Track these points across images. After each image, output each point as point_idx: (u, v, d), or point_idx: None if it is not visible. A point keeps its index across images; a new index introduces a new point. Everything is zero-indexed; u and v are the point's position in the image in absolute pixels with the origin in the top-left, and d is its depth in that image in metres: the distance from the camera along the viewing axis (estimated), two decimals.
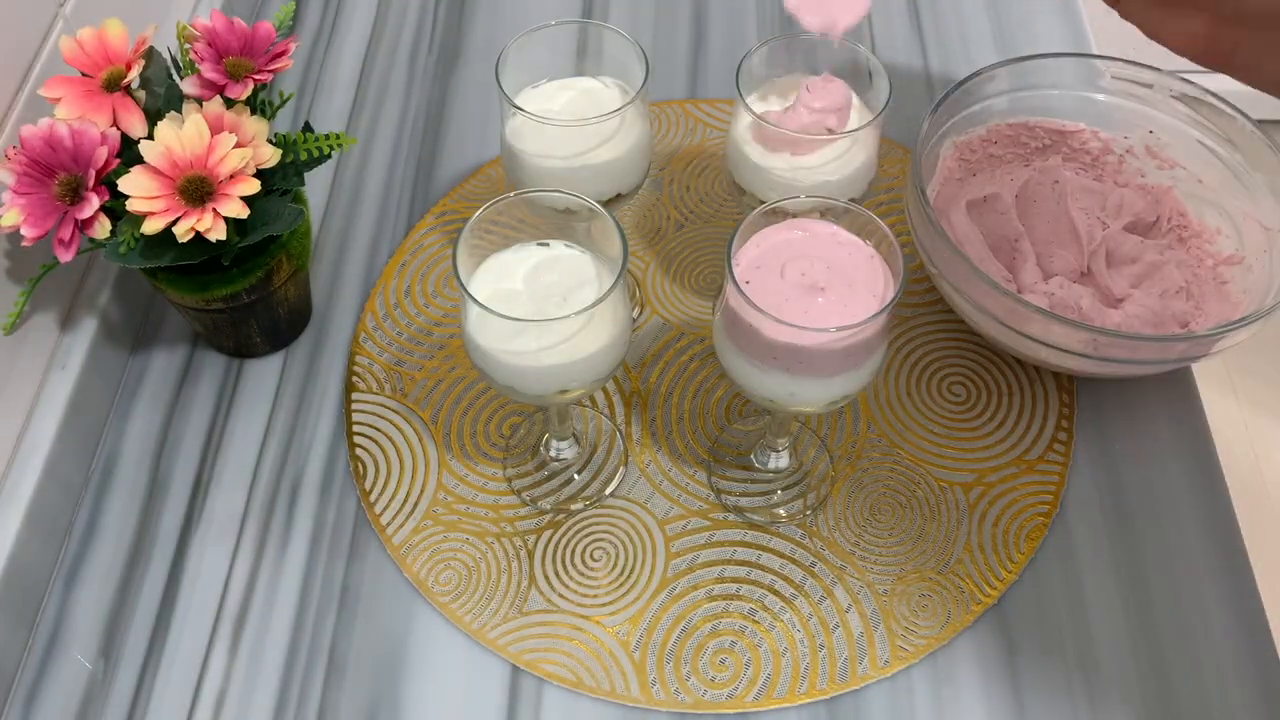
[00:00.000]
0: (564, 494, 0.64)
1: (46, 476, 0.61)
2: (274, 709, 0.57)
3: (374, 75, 0.85)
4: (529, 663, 0.58)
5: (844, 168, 0.60)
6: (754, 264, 0.52)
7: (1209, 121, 0.68)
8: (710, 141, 0.80)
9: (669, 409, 0.68)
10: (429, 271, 0.74)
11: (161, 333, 0.72)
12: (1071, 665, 0.58)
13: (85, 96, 0.57)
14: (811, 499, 0.64)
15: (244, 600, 0.61)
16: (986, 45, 0.86)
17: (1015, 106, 0.71)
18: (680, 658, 0.58)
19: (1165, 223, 0.70)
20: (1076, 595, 0.60)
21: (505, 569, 0.61)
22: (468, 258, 0.53)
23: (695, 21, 0.89)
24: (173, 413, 0.68)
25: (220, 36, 0.60)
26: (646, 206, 0.77)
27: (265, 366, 0.70)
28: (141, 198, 0.55)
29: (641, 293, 0.73)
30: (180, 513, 0.64)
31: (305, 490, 0.65)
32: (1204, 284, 0.68)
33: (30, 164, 0.56)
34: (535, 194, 0.56)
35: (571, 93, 0.62)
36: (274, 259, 0.63)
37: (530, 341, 0.51)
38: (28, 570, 0.59)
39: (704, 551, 0.62)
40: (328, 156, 0.62)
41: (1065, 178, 0.71)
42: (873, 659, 0.58)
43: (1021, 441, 0.66)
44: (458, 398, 0.68)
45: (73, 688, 0.58)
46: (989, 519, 0.63)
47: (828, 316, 0.50)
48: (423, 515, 0.63)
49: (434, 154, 0.80)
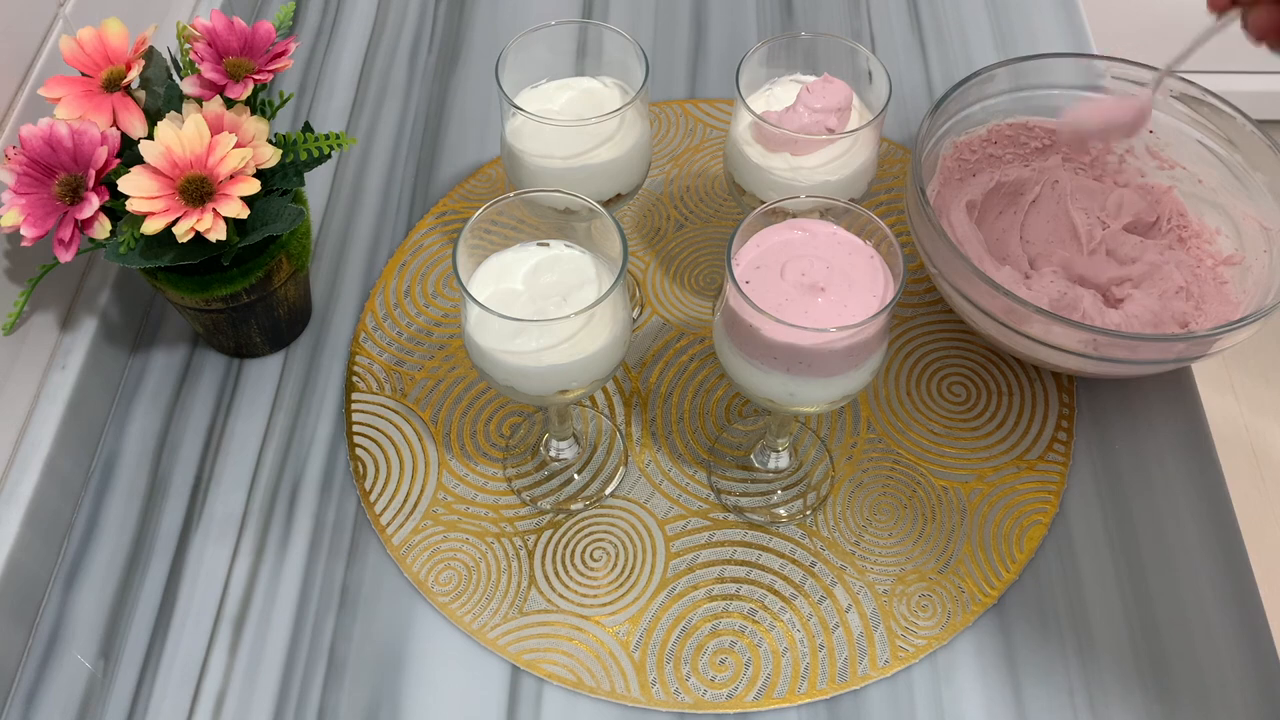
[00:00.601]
0: (564, 494, 0.64)
1: (46, 476, 0.61)
2: (274, 709, 0.57)
3: (374, 75, 0.85)
4: (529, 663, 0.58)
5: (844, 168, 0.60)
6: (754, 264, 0.52)
7: (1209, 121, 0.68)
8: (710, 141, 0.80)
9: (669, 409, 0.68)
10: (429, 271, 0.74)
11: (161, 333, 0.72)
12: (1071, 665, 0.58)
13: (85, 96, 0.58)
14: (811, 499, 0.64)
15: (244, 600, 0.61)
16: (986, 45, 0.86)
17: (1015, 106, 0.71)
18: (680, 658, 0.58)
19: (1165, 223, 0.70)
20: (1076, 595, 0.60)
21: (505, 569, 0.61)
22: (468, 258, 0.53)
23: (695, 21, 0.89)
24: (173, 413, 0.68)
25: (220, 36, 0.60)
26: (646, 206, 0.77)
27: (265, 366, 0.70)
28: (141, 198, 0.55)
29: (641, 293, 0.73)
30: (180, 513, 0.64)
31: (305, 490, 0.65)
32: (1204, 284, 0.68)
33: (30, 164, 0.56)
34: (535, 194, 0.56)
35: (571, 93, 0.62)
36: (274, 259, 0.63)
37: (530, 341, 0.51)
38: (28, 570, 0.59)
39: (704, 551, 0.62)
40: (328, 156, 0.62)
41: (1065, 178, 0.71)
42: (873, 659, 0.58)
43: (1021, 441, 0.66)
44: (458, 398, 0.68)
45: (73, 688, 0.58)
46: (989, 519, 0.63)
47: (828, 316, 0.50)
48: (423, 515, 0.63)
49: (434, 154, 0.80)
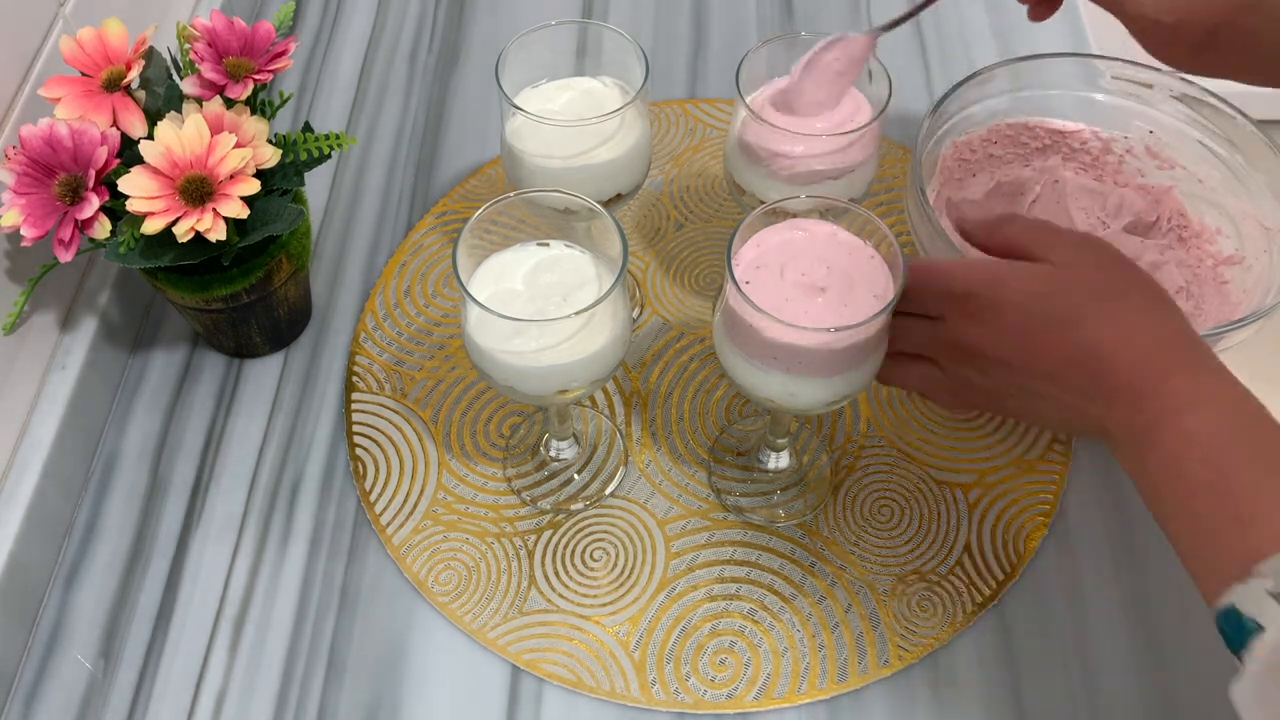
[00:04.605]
0: (564, 494, 0.64)
1: (46, 476, 0.61)
2: (274, 709, 0.57)
3: (374, 75, 0.85)
4: (529, 663, 0.58)
5: (845, 158, 0.59)
6: (754, 264, 0.52)
7: (1209, 121, 0.68)
8: (710, 141, 0.80)
9: (669, 409, 0.68)
10: (429, 271, 0.74)
11: (161, 333, 0.72)
12: (1071, 665, 0.58)
13: (85, 96, 0.58)
14: (811, 499, 0.64)
15: (244, 600, 0.61)
16: (986, 45, 0.86)
17: (1015, 106, 0.71)
18: (680, 658, 0.58)
19: (1165, 223, 0.70)
20: (1076, 595, 0.60)
21: (505, 569, 0.61)
22: (467, 258, 0.53)
23: (695, 21, 0.89)
24: (173, 413, 0.68)
25: (220, 36, 0.60)
26: (646, 206, 0.77)
27: (265, 366, 0.70)
28: (141, 198, 0.55)
29: (641, 293, 0.73)
30: (180, 513, 0.64)
31: (305, 490, 0.65)
32: (1204, 284, 0.68)
33: (30, 164, 0.56)
34: (535, 194, 0.56)
35: (571, 93, 0.62)
36: (274, 259, 0.63)
37: (530, 341, 0.51)
38: (28, 570, 0.59)
39: (704, 551, 0.62)
40: (328, 156, 0.62)
41: (1065, 178, 0.71)
42: (873, 659, 0.58)
43: (1021, 441, 0.66)
44: (458, 398, 0.68)
45: (73, 688, 0.58)
46: (989, 519, 0.63)
47: (828, 316, 0.50)
48: (423, 515, 0.63)
49: (434, 154, 0.80)
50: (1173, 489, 0.46)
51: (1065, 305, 0.49)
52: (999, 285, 0.51)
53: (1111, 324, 0.49)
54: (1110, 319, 0.49)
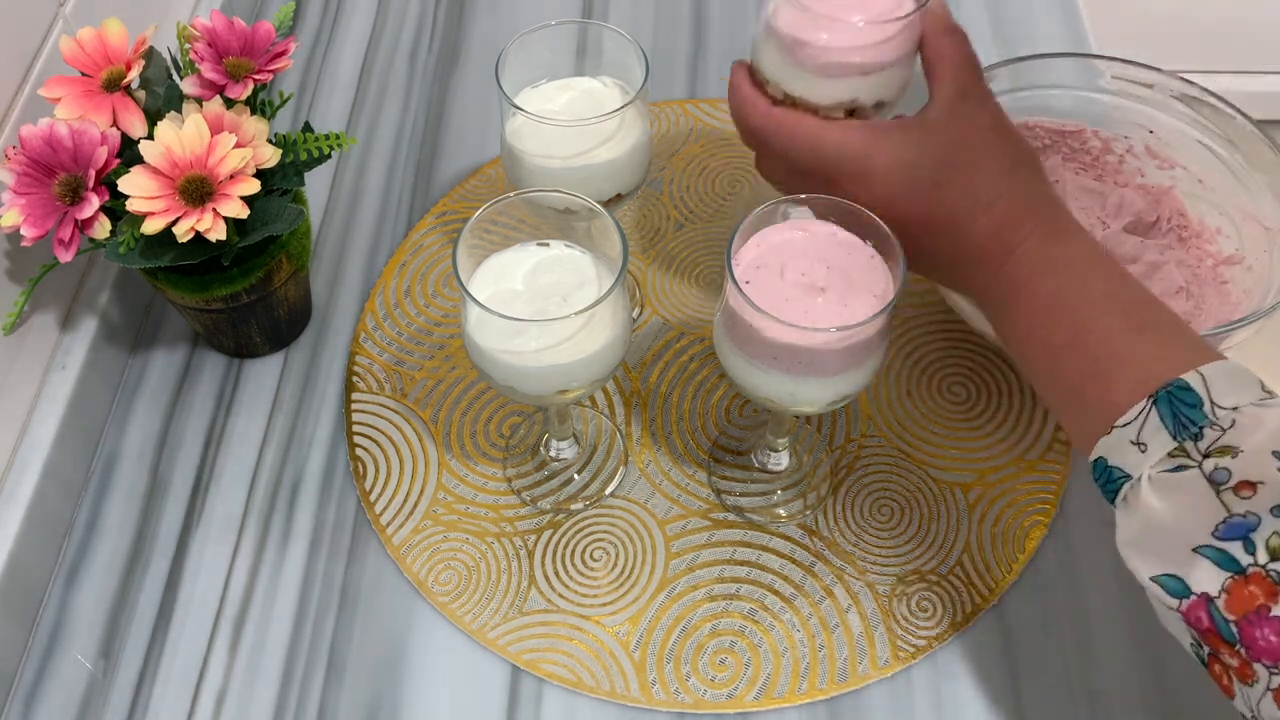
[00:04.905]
0: (564, 494, 0.64)
1: (46, 476, 0.61)
2: (274, 709, 0.57)
3: (374, 75, 0.85)
4: (529, 663, 0.58)
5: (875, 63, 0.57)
6: (754, 264, 0.52)
7: (1209, 121, 0.68)
8: (710, 141, 0.80)
9: (669, 409, 0.68)
10: (429, 271, 0.74)
11: (161, 333, 0.72)
12: (1071, 665, 0.58)
13: (85, 96, 0.58)
14: (811, 499, 0.64)
15: (244, 600, 0.61)
16: (986, 45, 0.86)
17: (1015, 106, 0.71)
18: (680, 658, 0.58)
19: (1165, 223, 0.70)
20: (1077, 595, 0.60)
21: (505, 569, 0.61)
22: (467, 258, 0.53)
23: (695, 21, 0.89)
24: (173, 413, 0.68)
25: (220, 36, 0.60)
26: (646, 206, 0.77)
27: (265, 366, 0.70)
28: (141, 198, 0.55)
29: (641, 293, 0.73)
30: (180, 513, 0.64)
31: (305, 490, 0.65)
32: (1204, 284, 0.68)
33: (30, 164, 0.56)
34: (535, 194, 0.56)
35: (571, 93, 0.62)
36: (274, 259, 0.63)
37: (530, 341, 0.51)
38: (28, 570, 0.59)
39: (704, 551, 0.62)
40: (328, 156, 0.62)
41: (1065, 178, 0.71)
42: (873, 659, 0.58)
43: (1021, 441, 0.66)
44: (458, 398, 0.68)
45: (73, 688, 0.58)
46: (989, 519, 0.63)
47: (828, 316, 0.50)
48: (423, 515, 0.63)
49: (434, 154, 0.80)
50: (1036, 351, 0.49)
51: (928, 176, 0.51)
52: (867, 157, 0.52)
53: (968, 194, 0.51)
54: (967, 188, 0.51)
